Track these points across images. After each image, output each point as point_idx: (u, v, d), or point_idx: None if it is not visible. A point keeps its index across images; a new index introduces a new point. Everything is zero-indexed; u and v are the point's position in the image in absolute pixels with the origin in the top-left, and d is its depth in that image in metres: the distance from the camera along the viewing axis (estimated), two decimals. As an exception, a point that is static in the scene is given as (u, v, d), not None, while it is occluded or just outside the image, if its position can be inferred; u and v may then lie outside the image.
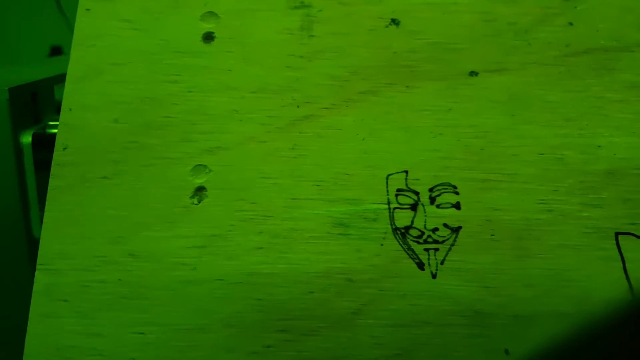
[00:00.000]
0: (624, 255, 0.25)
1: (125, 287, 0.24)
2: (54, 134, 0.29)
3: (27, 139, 0.28)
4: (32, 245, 0.27)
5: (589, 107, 0.27)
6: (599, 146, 0.26)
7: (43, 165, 0.28)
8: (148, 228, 0.24)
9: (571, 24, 0.27)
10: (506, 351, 0.24)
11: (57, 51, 0.76)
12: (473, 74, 0.27)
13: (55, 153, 0.25)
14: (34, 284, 0.24)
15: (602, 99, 0.27)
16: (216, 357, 0.24)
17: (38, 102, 0.30)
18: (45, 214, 0.24)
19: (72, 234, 0.24)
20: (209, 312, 0.23)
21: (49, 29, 0.76)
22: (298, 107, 0.26)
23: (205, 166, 0.25)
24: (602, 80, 0.27)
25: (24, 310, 0.27)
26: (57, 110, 0.33)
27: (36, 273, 0.24)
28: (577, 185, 0.25)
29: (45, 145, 0.28)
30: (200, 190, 0.25)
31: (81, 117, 0.26)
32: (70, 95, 0.26)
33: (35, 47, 0.78)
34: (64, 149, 0.25)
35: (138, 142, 0.25)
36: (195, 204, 0.25)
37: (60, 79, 0.34)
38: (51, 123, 0.31)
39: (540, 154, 0.26)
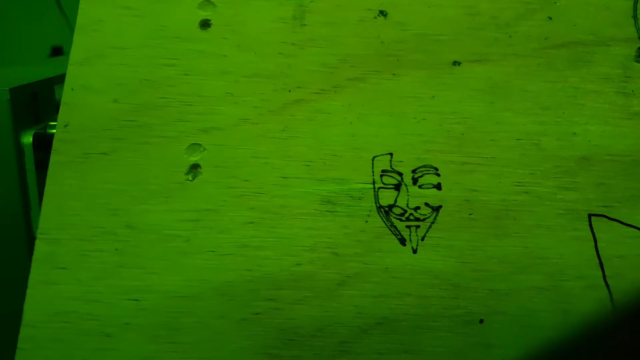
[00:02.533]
0: (597, 235, 0.27)
1: (122, 256, 0.25)
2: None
3: (27, 139, 0.28)
4: (33, 245, 0.27)
5: (566, 97, 0.29)
6: (574, 133, 0.27)
7: (44, 165, 0.28)
8: (144, 202, 0.26)
9: (550, 18, 0.30)
10: (480, 320, 0.26)
11: (58, 51, 0.77)
12: (456, 63, 0.29)
13: (57, 130, 0.27)
14: (34, 252, 0.25)
15: (578, 89, 0.29)
16: (208, 323, 0.25)
17: (39, 102, 0.30)
18: (47, 187, 0.26)
19: (71, 206, 0.26)
20: (201, 281, 0.25)
21: (50, 30, 0.77)
22: (290, 91, 0.27)
23: (200, 145, 0.26)
24: (579, 72, 0.29)
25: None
26: (58, 110, 0.34)
27: (36, 242, 0.25)
28: (553, 170, 0.27)
29: (46, 145, 0.28)
30: (195, 167, 0.26)
31: (82, 97, 0.28)
32: (73, 76, 0.28)
33: (36, 47, 0.79)
34: (65, 126, 0.26)
35: (136, 121, 0.27)
36: (190, 180, 0.26)
37: (61, 79, 0.35)
38: (52, 123, 0.31)
39: (518, 140, 0.28)
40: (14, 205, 0.27)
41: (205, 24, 0.29)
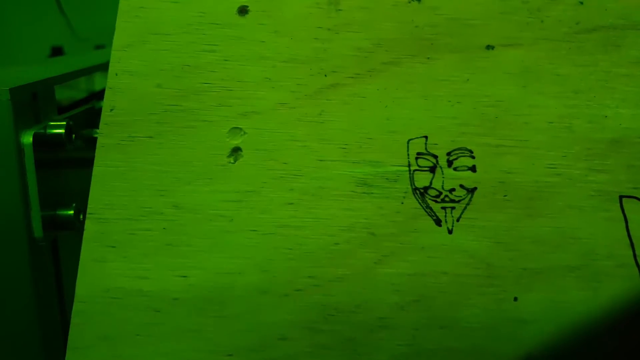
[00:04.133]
0: (627, 216, 0.28)
1: (169, 235, 0.26)
2: (55, 134, 0.31)
3: (27, 139, 0.28)
4: (33, 245, 0.28)
5: (597, 81, 0.28)
6: (606, 116, 0.27)
7: (44, 165, 0.28)
8: (189, 183, 0.26)
9: (581, 2, 0.30)
10: (515, 298, 0.27)
11: (58, 51, 0.77)
12: (489, 47, 0.30)
13: (102, 113, 0.28)
14: (84, 232, 0.27)
15: (609, 73, 0.29)
16: (251, 298, 0.27)
17: (39, 102, 0.30)
18: (95, 168, 0.27)
19: (119, 187, 0.28)
20: (244, 258, 0.26)
21: (50, 30, 0.77)
22: (325, 76, 0.27)
23: (240, 129, 0.27)
24: (610, 56, 0.30)
25: (25, 310, 0.28)
26: (58, 110, 0.34)
27: (86, 222, 0.27)
28: (584, 152, 0.27)
29: (46, 145, 0.29)
30: (236, 150, 0.27)
31: (126, 82, 0.29)
32: (116, 61, 0.29)
33: (36, 47, 0.79)
34: (111, 109, 0.28)
35: (179, 106, 0.27)
36: (232, 163, 0.27)
37: (61, 79, 0.34)
38: (52, 123, 0.30)
39: (550, 123, 0.28)
40: (14, 205, 0.27)
41: (243, 10, 0.29)
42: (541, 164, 0.27)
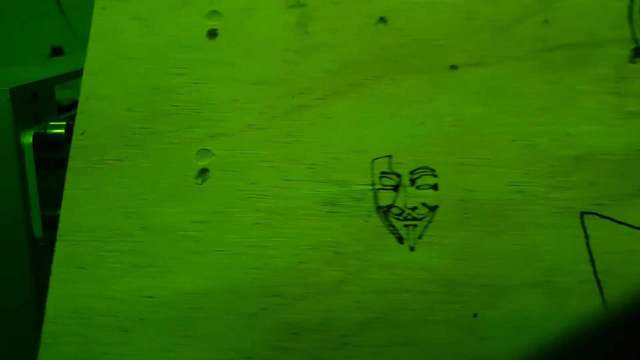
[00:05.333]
0: (588, 232, 0.29)
1: (137, 256, 0.27)
2: (55, 134, 0.31)
3: (27, 139, 0.28)
4: (33, 245, 0.28)
5: (561, 98, 0.28)
6: (569, 134, 0.28)
7: (44, 165, 0.29)
8: (158, 204, 0.27)
9: (547, 21, 0.31)
10: (475, 315, 0.27)
11: (58, 51, 0.78)
12: (453, 67, 0.30)
13: (74, 137, 0.29)
14: (55, 253, 0.27)
15: (573, 90, 0.30)
16: (218, 318, 0.27)
17: (39, 102, 0.31)
18: (65, 192, 0.28)
19: (89, 209, 0.28)
20: (211, 279, 0.27)
21: (50, 30, 0.77)
22: (293, 97, 0.28)
23: (208, 150, 0.27)
24: (574, 73, 0.30)
25: (25, 309, 0.29)
26: (58, 110, 0.35)
27: (57, 243, 0.27)
28: (547, 169, 0.27)
29: (46, 145, 0.29)
30: (204, 171, 0.27)
31: (97, 106, 0.29)
32: (88, 86, 0.30)
33: (35, 47, 0.79)
34: (82, 133, 0.28)
35: (148, 129, 0.27)
36: (200, 184, 0.27)
37: (61, 79, 0.34)
38: (52, 123, 0.31)
39: (514, 141, 0.28)
40: (14, 205, 0.28)
41: (212, 34, 0.30)
42: (504, 182, 0.28)
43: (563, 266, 0.27)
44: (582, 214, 0.29)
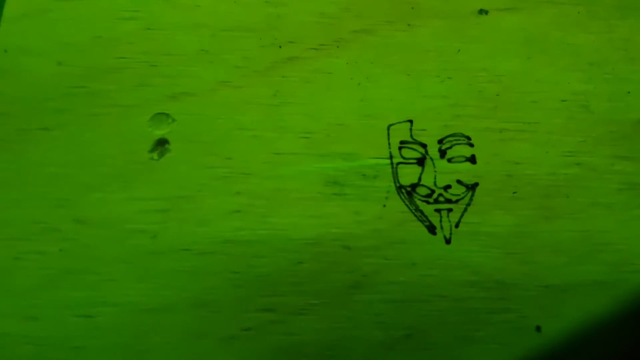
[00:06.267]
0: None
1: (70, 259, 0.21)
2: None
3: None
4: None
5: (614, 50, 0.25)
6: (628, 92, 0.25)
7: None
8: (98, 189, 0.22)
9: None
10: (537, 328, 0.22)
11: None
12: (482, 12, 0.26)
13: None
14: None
15: (628, 41, 0.26)
16: (183, 344, 0.21)
17: None
18: (-30, 174, 0.20)
19: (3, 197, 0.22)
20: (173, 289, 0.21)
21: None
22: (280, 47, 0.24)
23: (167, 115, 0.23)
24: (627, 21, 0.26)
25: None
26: None
27: (-44, 246, 0.19)
28: (607, 136, 0.24)
29: None
30: (161, 143, 0.22)
31: (18, 61, 0.23)
32: (6, 35, 0.23)
33: None
34: (-5, 96, 0.22)
35: (86, 88, 0.23)
36: (156, 160, 0.22)
37: None
38: None
39: (563, 101, 0.24)
40: None
41: (172, -32, 0.24)
42: (556, 152, 0.24)
43: (637, 258, 0.22)
44: (656, 190, 0.24)
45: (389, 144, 0.23)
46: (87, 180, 0.22)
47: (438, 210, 0.22)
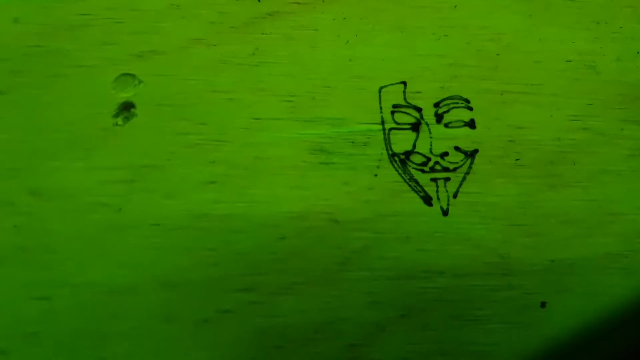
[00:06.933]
0: None
1: (24, 235, 0.20)
2: None
3: None
4: None
5: (622, 7, 0.25)
6: (638, 52, 0.24)
7: None
8: (55, 157, 0.21)
9: None
10: (542, 304, 0.21)
11: None
12: None
13: None
14: None
15: None
16: (151, 329, 0.20)
17: None
18: None
19: None
20: (140, 268, 0.20)
21: None
22: (259, 1, 0.23)
23: (133, 76, 0.22)
24: None
25: None
26: None
27: None
28: (616, 99, 0.23)
29: None
30: (127, 107, 0.21)
31: None
32: None
33: None
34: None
35: (44, 47, 0.21)
36: (120, 125, 0.21)
37: None
38: None
39: (568, 61, 0.24)
40: None
41: None
42: (561, 116, 0.23)
43: (650, 229, 0.23)
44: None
45: (381, 107, 0.22)
46: (44, 147, 0.21)
47: (434, 180, 0.22)
